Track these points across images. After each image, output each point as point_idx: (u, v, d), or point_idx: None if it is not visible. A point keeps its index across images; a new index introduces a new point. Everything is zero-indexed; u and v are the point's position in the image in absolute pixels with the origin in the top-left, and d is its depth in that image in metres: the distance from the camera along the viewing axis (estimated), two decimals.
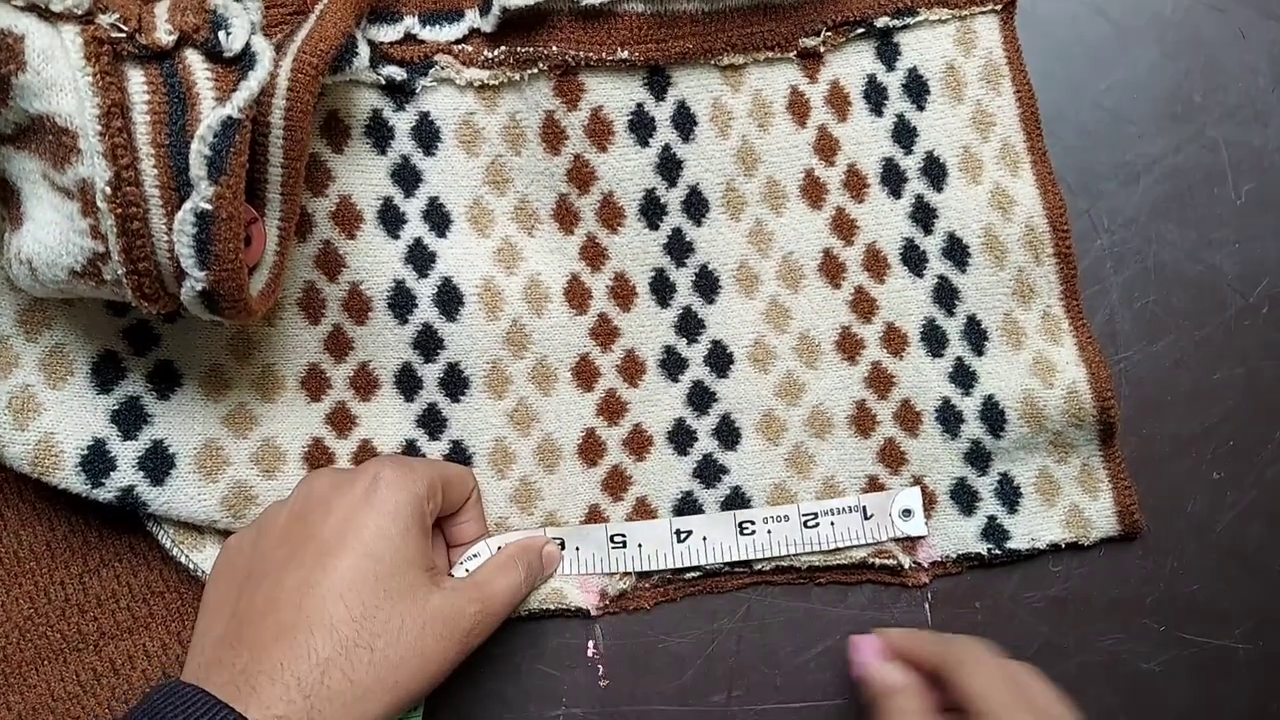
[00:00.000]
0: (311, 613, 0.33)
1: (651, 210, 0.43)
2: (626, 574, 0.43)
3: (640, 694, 0.43)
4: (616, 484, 0.44)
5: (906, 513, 0.44)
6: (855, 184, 0.45)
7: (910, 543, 0.44)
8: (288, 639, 0.33)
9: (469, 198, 0.43)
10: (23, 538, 0.42)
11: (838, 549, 0.44)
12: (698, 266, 0.44)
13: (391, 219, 0.43)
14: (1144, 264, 0.46)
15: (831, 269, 0.45)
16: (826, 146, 0.45)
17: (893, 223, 0.45)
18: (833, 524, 0.43)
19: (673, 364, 0.44)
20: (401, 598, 0.35)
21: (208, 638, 0.35)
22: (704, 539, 0.43)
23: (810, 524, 0.43)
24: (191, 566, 0.41)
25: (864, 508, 0.44)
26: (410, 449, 0.43)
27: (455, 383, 0.43)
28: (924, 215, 0.45)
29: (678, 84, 0.43)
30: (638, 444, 0.44)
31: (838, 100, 0.45)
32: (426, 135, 0.43)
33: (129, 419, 0.40)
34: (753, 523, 0.43)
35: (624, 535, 0.43)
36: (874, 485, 0.44)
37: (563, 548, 0.43)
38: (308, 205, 0.42)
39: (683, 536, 0.43)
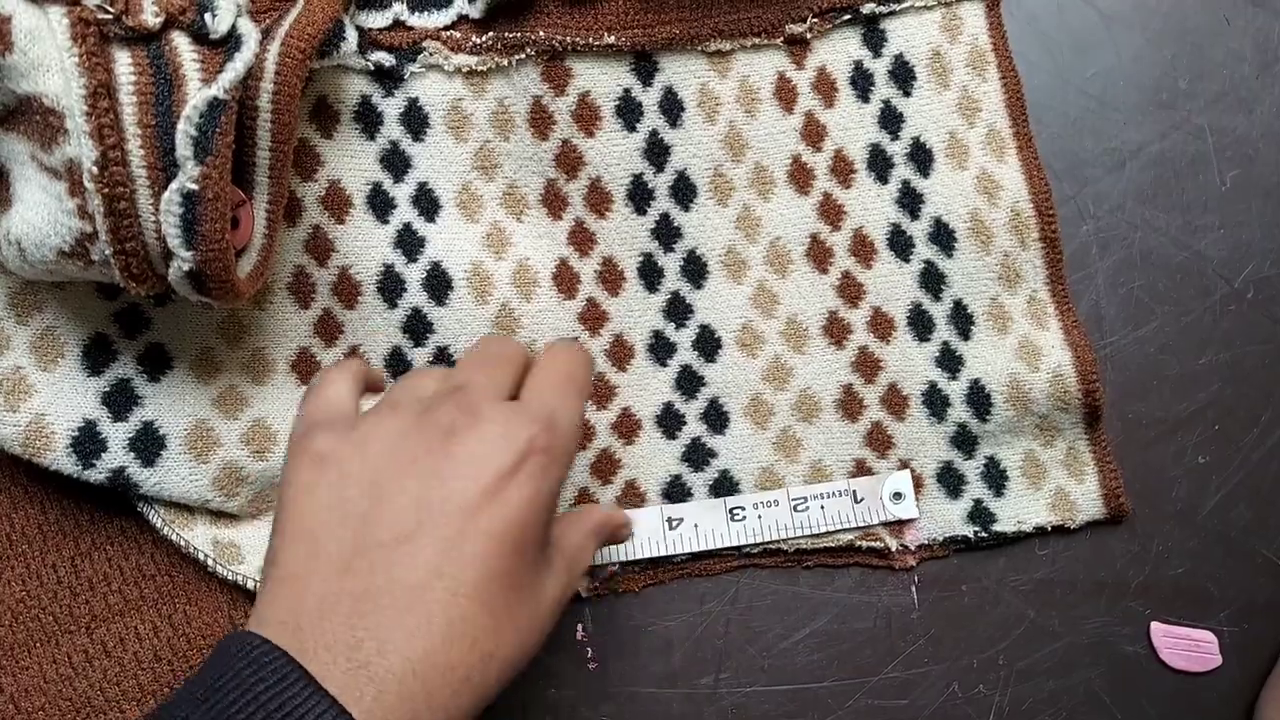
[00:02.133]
0: (443, 596, 0.29)
1: (639, 195, 0.44)
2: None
3: (629, 676, 0.43)
4: (605, 467, 0.44)
5: (897, 495, 0.44)
6: (842, 170, 0.45)
7: (897, 526, 0.44)
8: (415, 614, 0.29)
9: (458, 183, 0.44)
10: (15, 521, 0.42)
11: (828, 532, 0.44)
12: (685, 252, 0.44)
13: (381, 204, 0.43)
14: (1129, 249, 0.47)
15: (819, 254, 0.45)
16: (813, 132, 0.45)
17: (879, 208, 0.45)
18: (823, 508, 0.44)
19: (661, 348, 0.45)
20: (525, 589, 0.31)
21: (318, 559, 0.30)
22: (695, 526, 0.44)
23: (800, 508, 0.44)
24: (183, 544, 0.41)
25: (854, 491, 0.44)
26: None
27: (444, 366, 0.43)
28: (910, 201, 0.45)
29: (665, 70, 0.43)
30: (626, 428, 0.44)
31: (824, 86, 0.45)
32: (415, 121, 0.43)
33: (120, 401, 0.40)
34: (743, 509, 0.44)
35: None
36: (861, 469, 0.45)
37: None
38: (297, 190, 0.42)
39: (674, 524, 0.44)
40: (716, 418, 0.44)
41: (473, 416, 0.31)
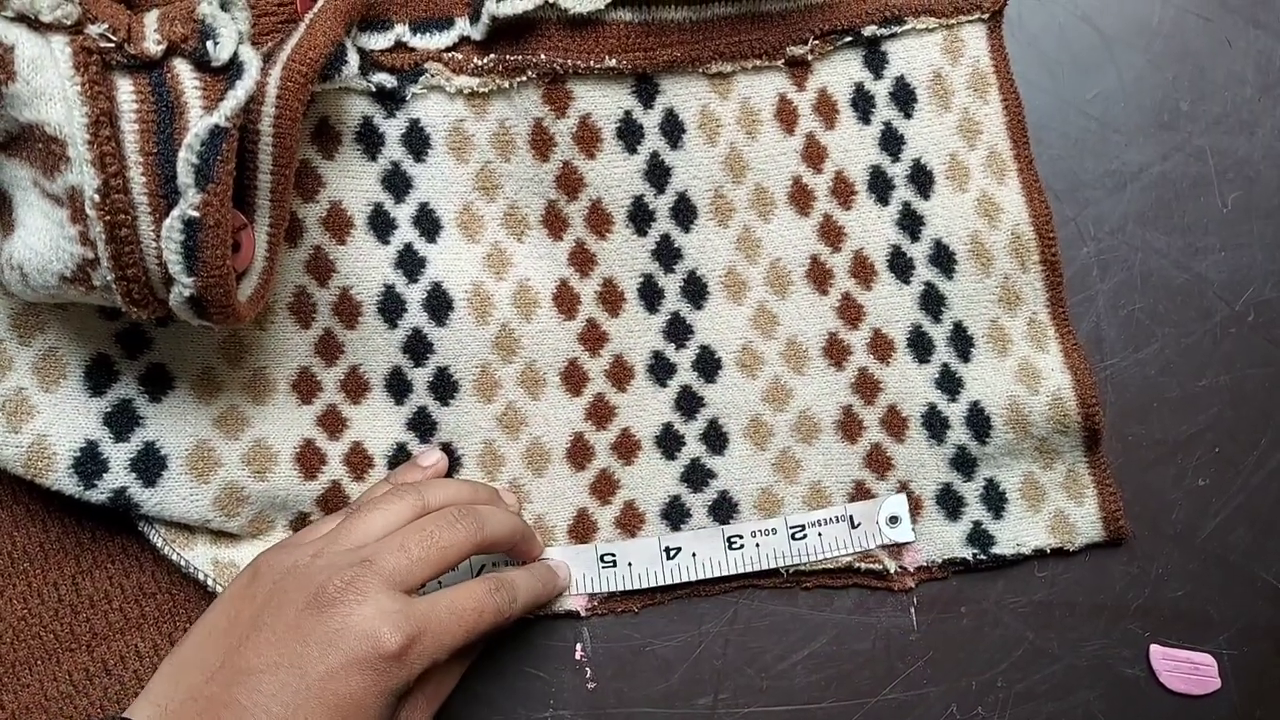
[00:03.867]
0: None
1: (640, 217, 0.44)
2: None
3: (627, 696, 0.43)
4: (604, 488, 0.44)
5: (893, 519, 0.44)
6: (843, 191, 0.45)
7: (896, 548, 0.44)
8: None
9: (459, 204, 0.44)
10: (17, 539, 0.42)
11: (826, 559, 0.44)
12: (686, 272, 0.45)
13: (382, 225, 0.43)
14: (1130, 271, 0.47)
15: (819, 275, 0.45)
16: (814, 154, 0.45)
17: (880, 230, 0.45)
18: (820, 535, 0.44)
19: (661, 369, 0.45)
20: None
21: (193, 671, 0.34)
22: (693, 555, 0.44)
23: (798, 536, 0.44)
24: (183, 564, 0.41)
25: (850, 516, 0.44)
26: (401, 451, 0.43)
27: (445, 386, 0.43)
28: (911, 222, 0.45)
29: (666, 92, 0.43)
30: (626, 448, 0.44)
31: (825, 108, 0.45)
32: (417, 142, 0.43)
33: (121, 421, 0.40)
34: (741, 537, 0.44)
35: (614, 555, 0.43)
36: (860, 490, 0.45)
37: None
38: (299, 211, 0.42)
39: (672, 554, 0.44)
40: (716, 439, 0.45)
41: (359, 597, 0.34)
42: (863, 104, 0.45)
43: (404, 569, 0.36)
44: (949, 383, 0.45)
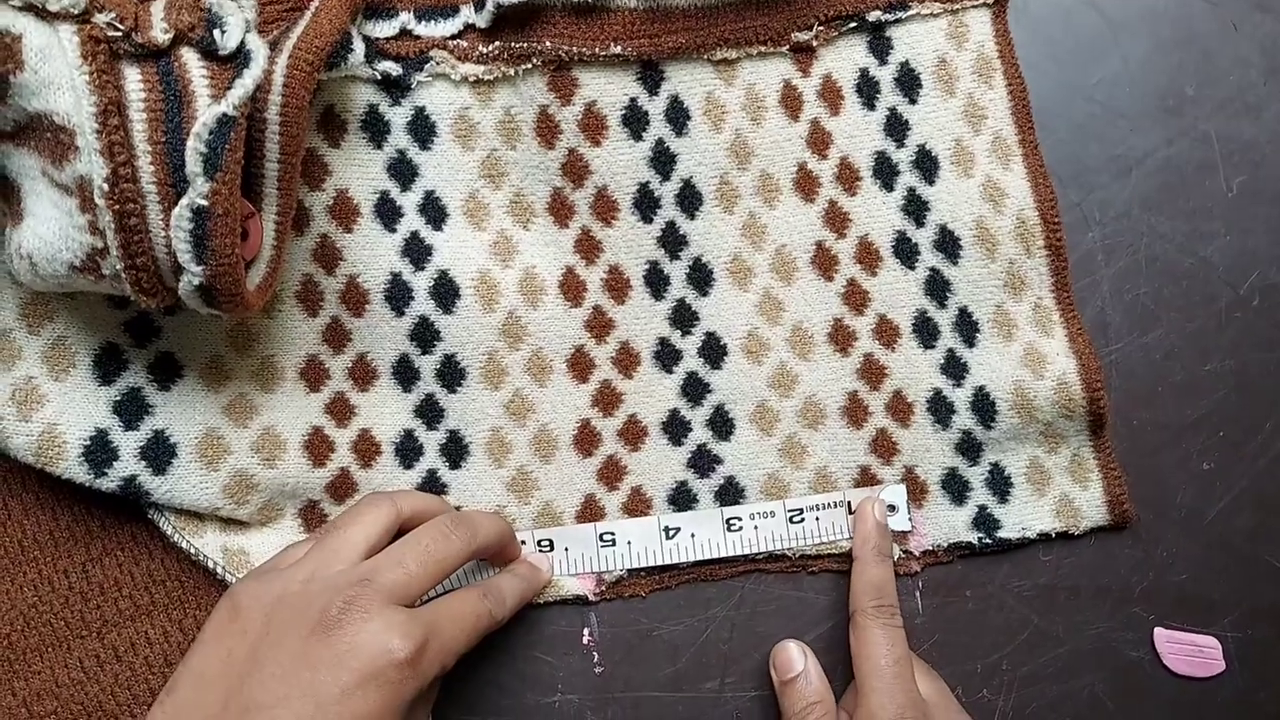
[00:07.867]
0: None
1: (645, 204, 0.44)
2: None
3: (635, 680, 0.44)
4: (612, 474, 0.44)
5: (891, 508, 0.44)
6: (847, 177, 0.45)
7: (901, 532, 0.44)
8: None
9: (465, 191, 0.44)
10: (27, 527, 0.42)
11: (824, 544, 0.44)
12: (691, 259, 0.45)
13: (388, 213, 0.43)
14: (1135, 256, 0.47)
15: (824, 261, 0.45)
16: (819, 140, 0.45)
17: (885, 215, 0.45)
18: (818, 519, 0.44)
19: (667, 355, 0.45)
20: None
21: (198, 705, 0.33)
22: (692, 535, 0.44)
23: (796, 520, 0.44)
24: (193, 551, 0.42)
25: (849, 503, 0.44)
26: (408, 438, 0.44)
27: (452, 374, 0.44)
28: (916, 208, 0.45)
29: (671, 78, 0.43)
30: (632, 435, 0.45)
31: (830, 94, 0.45)
32: (422, 130, 0.43)
33: (131, 410, 0.41)
34: (739, 519, 0.44)
35: (613, 533, 0.44)
36: (866, 475, 0.45)
37: (552, 549, 0.44)
38: (305, 199, 0.42)
39: (671, 533, 0.44)
40: (722, 424, 0.45)
41: (364, 614, 0.34)
42: (868, 90, 0.45)
43: (403, 584, 0.36)
44: (954, 368, 0.45)
